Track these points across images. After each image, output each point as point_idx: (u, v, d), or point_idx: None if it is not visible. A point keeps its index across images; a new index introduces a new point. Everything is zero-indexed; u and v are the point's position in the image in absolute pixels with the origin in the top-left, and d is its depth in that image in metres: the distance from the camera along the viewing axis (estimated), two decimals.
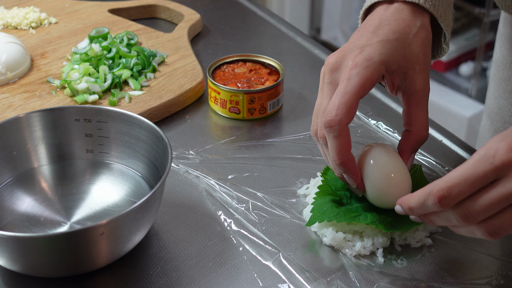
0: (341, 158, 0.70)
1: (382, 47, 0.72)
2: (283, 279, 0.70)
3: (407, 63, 0.73)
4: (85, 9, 1.23)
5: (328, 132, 0.70)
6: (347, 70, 0.70)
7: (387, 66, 0.72)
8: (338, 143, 0.70)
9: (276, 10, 2.78)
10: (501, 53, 1.08)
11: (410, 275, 0.71)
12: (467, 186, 0.61)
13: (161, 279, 0.70)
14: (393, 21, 0.74)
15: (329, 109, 0.69)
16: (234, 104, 0.95)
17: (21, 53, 1.03)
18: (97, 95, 0.96)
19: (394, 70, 0.73)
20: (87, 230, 0.65)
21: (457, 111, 2.34)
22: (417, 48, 0.74)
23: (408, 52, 0.73)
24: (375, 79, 0.71)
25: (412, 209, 0.66)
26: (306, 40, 1.20)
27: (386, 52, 0.71)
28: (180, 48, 1.10)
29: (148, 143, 0.79)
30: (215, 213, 0.79)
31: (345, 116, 0.69)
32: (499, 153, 0.59)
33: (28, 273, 0.69)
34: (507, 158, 0.59)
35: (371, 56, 0.71)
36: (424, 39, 0.75)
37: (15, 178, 0.80)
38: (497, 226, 0.62)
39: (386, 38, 0.72)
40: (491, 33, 2.38)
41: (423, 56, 0.74)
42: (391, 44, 0.72)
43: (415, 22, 0.75)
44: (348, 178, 0.72)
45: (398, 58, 0.72)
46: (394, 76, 0.73)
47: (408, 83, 0.73)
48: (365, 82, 0.70)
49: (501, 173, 0.60)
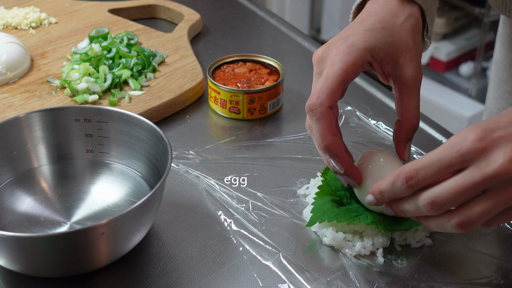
0: (325, 141, 0.70)
1: (368, 35, 0.73)
2: (283, 279, 0.70)
3: (397, 51, 0.74)
4: (85, 9, 1.23)
5: (311, 116, 0.70)
6: (330, 58, 0.72)
7: (373, 53, 0.72)
8: (320, 125, 0.70)
9: (276, 10, 2.78)
10: (501, 53, 1.08)
11: (410, 275, 0.71)
12: (433, 170, 0.63)
13: (161, 279, 0.70)
14: (380, 11, 0.76)
15: (311, 94, 0.71)
16: (234, 104, 0.95)
17: (21, 53, 1.03)
18: (97, 95, 0.96)
19: (383, 58, 0.73)
20: (87, 230, 0.65)
21: (457, 111, 2.34)
22: (406, 36, 0.74)
23: (397, 40, 0.74)
24: (358, 65, 0.71)
25: (382, 192, 0.67)
26: (306, 40, 1.20)
27: (371, 40, 0.72)
28: (180, 48, 1.10)
29: (148, 143, 0.79)
30: (215, 213, 0.79)
31: (326, 99, 0.70)
32: (466, 142, 0.61)
33: (28, 273, 0.69)
34: (473, 146, 0.61)
35: (353, 43, 0.72)
36: (413, 27, 0.75)
37: (15, 178, 0.80)
38: (466, 217, 0.63)
39: (372, 27, 0.73)
40: (491, 33, 2.38)
41: (413, 44, 0.74)
42: (377, 32, 0.73)
43: (403, 11, 0.76)
44: (336, 162, 0.71)
45: (385, 46, 0.73)
46: (383, 64, 0.74)
47: (399, 71, 0.74)
48: (347, 67, 0.70)
49: (468, 162, 0.61)
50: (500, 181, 0.60)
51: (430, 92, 2.43)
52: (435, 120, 0.97)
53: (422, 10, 0.78)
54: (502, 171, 0.60)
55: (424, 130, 0.95)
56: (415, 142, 0.89)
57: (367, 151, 0.76)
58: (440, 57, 2.47)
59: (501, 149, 0.60)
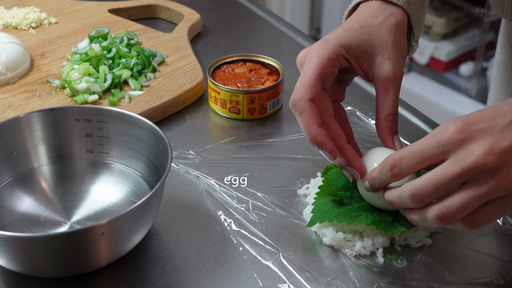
0: (310, 133, 0.72)
1: (344, 33, 0.75)
2: (283, 279, 0.70)
3: (374, 49, 0.75)
4: (85, 9, 1.23)
5: (294, 111, 0.73)
6: (308, 57, 0.74)
7: (348, 49, 0.75)
8: (303, 118, 0.72)
9: (276, 10, 2.78)
10: (502, 54, 1.08)
11: (410, 275, 0.71)
12: (415, 159, 0.65)
13: (161, 279, 0.70)
14: (362, 13, 0.78)
15: (293, 92, 0.73)
16: (234, 104, 0.95)
17: (21, 53, 1.03)
18: (97, 95, 0.96)
19: (359, 55, 0.75)
20: (87, 230, 0.65)
21: (457, 111, 2.34)
22: (385, 34, 0.76)
23: (375, 38, 0.75)
24: (333, 59, 0.74)
25: (373, 179, 0.70)
26: (306, 40, 1.20)
27: (346, 37, 0.75)
28: (180, 48, 1.10)
29: (148, 143, 0.79)
30: (215, 213, 0.79)
31: (306, 92, 0.72)
32: (446, 133, 0.63)
33: (28, 273, 0.69)
34: (453, 137, 0.62)
35: (328, 40, 0.75)
36: (393, 26, 0.77)
37: (15, 178, 0.80)
38: (445, 209, 0.64)
39: (350, 27, 0.76)
40: (491, 33, 2.38)
41: (392, 42, 0.76)
42: (354, 31, 0.76)
43: (384, 12, 0.77)
44: (324, 152, 0.72)
45: (362, 43, 0.75)
46: (361, 62, 0.76)
47: (376, 69, 0.76)
48: (322, 61, 0.73)
49: (447, 153, 0.62)
50: (478, 172, 0.61)
51: (430, 92, 2.43)
52: (435, 120, 0.97)
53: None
54: (479, 162, 0.61)
55: (424, 130, 0.95)
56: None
57: (371, 149, 0.76)
58: (440, 57, 2.47)
59: (479, 141, 0.61)
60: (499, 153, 0.60)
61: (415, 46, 0.83)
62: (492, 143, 0.61)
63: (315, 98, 0.72)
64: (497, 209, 0.63)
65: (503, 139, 0.61)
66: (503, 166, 0.61)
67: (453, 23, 2.46)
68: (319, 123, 0.72)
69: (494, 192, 0.62)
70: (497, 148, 0.60)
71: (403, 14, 0.78)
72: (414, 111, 0.99)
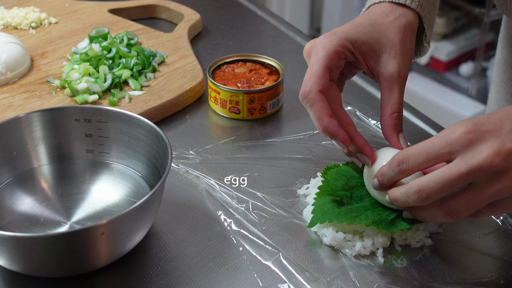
0: (322, 124, 0.73)
1: (352, 28, 0.76)
2: (283, 279, 0.70)
3: (381, 47, 0.76)
4: (85, 9, 1.23)
5: (305, 103, 0.74)
6: (315, 48, 0.76)
7: (355, 44, 0.76)
8: (315, 110, 0.73)
9: (276, 10, 2.78)
10: (502, 54, 1.08)
11: (410, 275, 0.71)
12: (423, 157, 0.66)
13: (161, 279, 0.70)
14: (372, 12, 0.79)
15: (302, 85, 0.74)
16: (234, 104, 0.95)
17: (21, 53, 1.03)
18: (97, 95, 0.96)
19: (366, 52, 0.76)
20: (87, 230, 0.65)
21: (457, 111, 2.34)
22: (393, 34, 0.77)
23: (382, 37, 0.76)
24: (340, 51, 0.75)
25: (383, 175, 0.70)
26: (306, 40, 1.20)
27: (354, 32, 0.76)
28: (180, 48, 1.10)
29: (148, 143, 0.79)
30: (215, 213, 0.79)
31: (315, 84, 0.73)
32: (455, 133, 0.63)
33: (28, 273, 0.69)
34: (461, 138, 0.63)
35: (335, 32, 0.76)
36: (401, 27, 0.78)
37: (15, 178, 0.80)
38: (453, 207, 0.65)
39: (360, 23, 0.77)
40: (491, 33, 2.38)
41: (399, 42, 0.77)
42: (363, 27, 0.77)
43: (394, 12, 0.78)
44: (337, 142, 0.74)
45: (369, 40, 0.76)
46: (367, 58, 0.77)
47: (381, 67, 0.77)
48: (328, 53, 0.74)
49: (455, 153, 0.63)
50: (485, 173, 0.62)
51: (430, 92, 2.43)
52: (435, 120, 0.97)
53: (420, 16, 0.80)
54: (487, 163, 0.61)
55: (424, 130, 0.95)
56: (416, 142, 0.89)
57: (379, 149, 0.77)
58: (440, 57, 2.47)
59: (487, 142, 0.62)
60: (507, 155, 0.61)
61: (427, 47, 0.84)
62: (500, 145, 0.61)
63: (325, 90, 0.74)
64: (499, 208, 0.65)
65: (510, 142, 0.62)
66: (510, 168, 0.61)
67: (453, 23, 2.46)
68: (330, 113, 0.73)
69: (499, 194, 0.63)
70: (504, 150, 0.61)
71: (413, 16, 0.79)
72: (414, 111, 0.99)
